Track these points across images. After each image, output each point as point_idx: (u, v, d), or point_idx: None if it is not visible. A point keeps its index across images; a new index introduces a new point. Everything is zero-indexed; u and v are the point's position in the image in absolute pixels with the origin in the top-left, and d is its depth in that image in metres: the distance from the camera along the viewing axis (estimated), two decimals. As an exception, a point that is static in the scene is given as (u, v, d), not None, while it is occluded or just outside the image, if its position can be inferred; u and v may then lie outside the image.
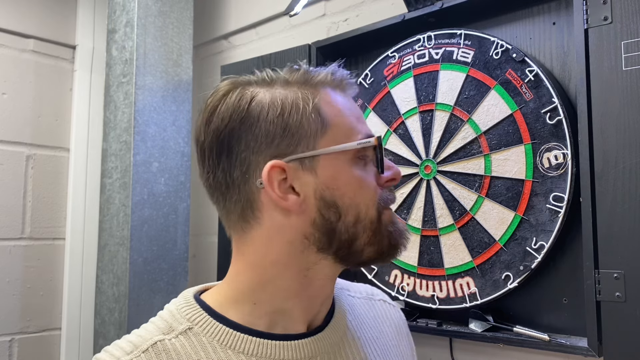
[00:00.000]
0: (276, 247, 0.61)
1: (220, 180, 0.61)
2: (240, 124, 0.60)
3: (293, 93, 0.61)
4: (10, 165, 1.77)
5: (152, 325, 0.61)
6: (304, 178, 0.59)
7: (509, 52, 0.96)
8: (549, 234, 0.90)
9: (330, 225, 0.60)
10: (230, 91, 0.63)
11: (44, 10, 1.87)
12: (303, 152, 0.59)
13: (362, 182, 0.61)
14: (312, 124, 0.60)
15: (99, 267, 1.52)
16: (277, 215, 0.60)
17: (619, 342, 0.80)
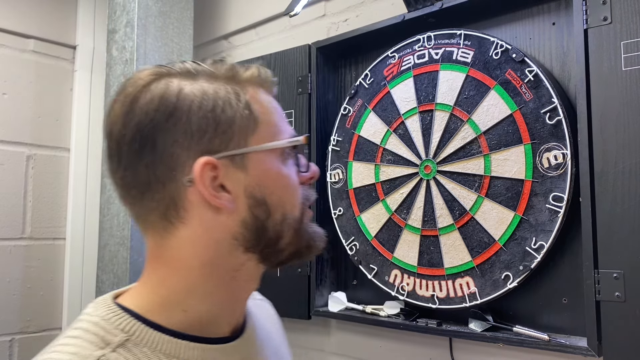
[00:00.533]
0: (204, 249, 0.58)
1: (141, 177, 0.57)
2: (168, 117, 0.56)
3: (222, 87, 0.59)
4: (10, 165, 1.77)
5: (80, 340, 0.55)
6: (235, 175, 0.58)
7: (508, 52, 0.96)
8: (549, 234, 0.90)
9: (259, 224, 0.59)
10: (152, 81, 0.58)
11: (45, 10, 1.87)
12: (235, 149, 0.58)
13: (289, 180, 0.62)
14: (243, 121, 0.58)
15: (99, 267, 1.52)
16: (206, 215, 0.58)
17: (618, 342, 0.80)
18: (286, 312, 1.28)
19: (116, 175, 0.60)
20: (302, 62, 1.29)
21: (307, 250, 0.65)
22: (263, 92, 0.63)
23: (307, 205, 0.65)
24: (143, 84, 0.58)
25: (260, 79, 0.63)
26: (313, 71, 1.27)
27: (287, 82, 1.32)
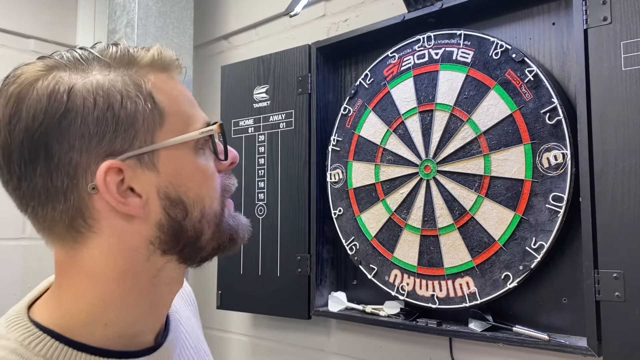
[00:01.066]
0: (120, 258, 0.53)
1: (38, 188, 0.51)
2: (60, 120, 0.49)
3: (119, 78, 0.52)
4: (10, 165, 1.77)
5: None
6: (144, 176, 0.52)
7: (508, 52, 0.97)
8: (549, 234, 0.90)
9: (177, 225, 0.54)
10: (38, 78, 0.51)
11: (45, 10, 1.87)
12: (140, 148, 0.51)
13: (206, 172, 0.56)
14: (147, 115, 0.52)
15: (100, 267, 1.52)
16: (117, 222, 0.52)
17: (618, 342, 0.80)
18: (286, 312, 1.28)
19: (8, 186, 0.53)
20: (302, 62, 1.29)
21: (230, 244, 0.59)
22: (167, 77, 0.56)
23: (228, 196, 0.59)
24: (28, 81, 0.51)
25: (163, 62, 0.56)
26: (313, 71, 1.27)
27: (287, 82, 1.32)
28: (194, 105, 0.58)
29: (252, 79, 1.40)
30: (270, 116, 1.35)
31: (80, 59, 0.53)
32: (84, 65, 0.53)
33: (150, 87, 0.53)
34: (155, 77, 0.55)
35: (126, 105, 0.51)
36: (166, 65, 0.56)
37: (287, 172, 1.29)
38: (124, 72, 0.53)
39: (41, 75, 0.51)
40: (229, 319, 1.56)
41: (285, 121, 1.32)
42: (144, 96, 0.52)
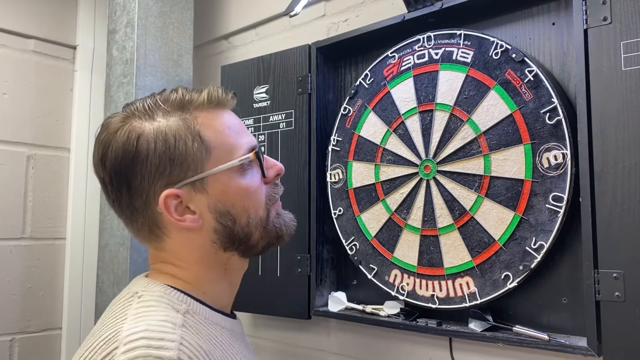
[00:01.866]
0: (194, 251, 0.72)
1: (125, 207, 0.70)
2: (132, 161, 0.67)
3: (174, 123, 0.68)
4: (10, 165, 1.77)
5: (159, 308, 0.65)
6: (197, 198, 0.69)
7: (508, 52, 0.97)
8: (549, 234, 0.90)
9: (228, 230, 0.71)
10: (119, 128, 0.69)
11: (45, 10, 1.87)
12: (192, 177, 0.68)
13: (248, 189, 0.72)
14: (196, 151, 0.68)
15: (100, 267, 1.52)
16: (182, 231, 0.70)
17: (618, 342, 0.80)
18: (286, 312, 1.28)
19: (110, 205, 0.72)
20: (302, 62, 1.29)
21: (277, 240, 0.77)
22: (217, 112, 0.72)
23: (272, 203, 0.76)
24: (113, 130, 0.69)
25: (212, 102, 0.71)
26: (313, 71, 1.27)
27: (287, 82, 1.32)
28: (240, 134, 0.73)
29: (252, 79, 1.40)
30: (270, 116, 1.35)
31: (147, 109, 0.69)
32: (150, 113, 0.69)
33: (199, 127, 0.69)
34: (205, 116, 0.70)
35: (179, 146, 0.67)
36: (215, 103, 0.72)
37: (287, 172, 1.29)
38: (179, 117, 0.69)
39: (121, 125, 0.68)
40: (229, 319, 1.56)
41: (285, 121, 1.32)
42: (193, 136, 0.68)
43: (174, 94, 0.71)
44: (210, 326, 0.68)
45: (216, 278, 0.74)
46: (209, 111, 0.71)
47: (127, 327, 0.61)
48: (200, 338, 0.63)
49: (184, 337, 0.61)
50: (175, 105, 0.70)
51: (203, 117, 0.70)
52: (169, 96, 0.71)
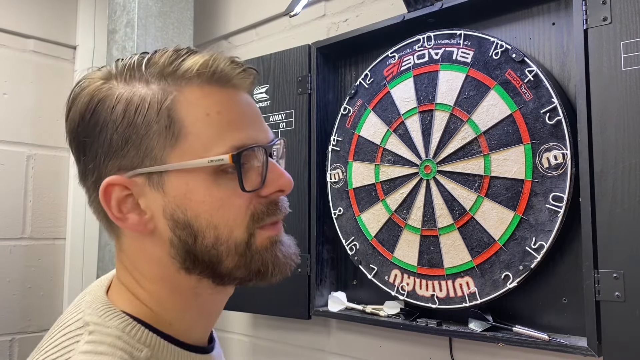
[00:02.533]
0: (152, 264, 0.54)
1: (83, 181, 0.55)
2: (87, 129, 0.52)
3: (148, 93, 0.51)
4: (10, 165, 1.77)
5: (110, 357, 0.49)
6: (151, 195, 0.51)
7: (508, 52, 0.96)
8: (549, 234, 0.90)
9: (187, 247, 0.52)
10: (88, 85, 0.53)
11: (45, 10, 1.87)
12: (149, 166, 0.50)
13: (223, 200, 0.52)
14: (161, 133, 0.50)
15: (99, 267, 1.52)
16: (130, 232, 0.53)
17: (618, 342, 0.80)
18: (286, 312, 1.28)
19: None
20: (302, 62, 1.29)
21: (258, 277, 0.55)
22: (215, 90, 0.53)
23: (261, 224, 0.54)
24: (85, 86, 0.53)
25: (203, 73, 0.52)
26: (313, 71, 1.27)
27: (287, 82, 1.32)
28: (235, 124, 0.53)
29: (252, 79, 1.40)
30: (270, 116, 1.35)
31: (128, 68, 0.53)
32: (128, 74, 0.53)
33: (173, 104, 0.51)
34: (192, 91, 0.52)
35: (137, 122, 0.50)
36: (217, 75, 0.52)
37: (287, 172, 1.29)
38: (159, 86, 0.51)
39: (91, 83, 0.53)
40: (229, 319, 1.56)
41: (285, 121, 1.32)
42: (160, 113, 0.50)
43: (163, 56, 0.53)
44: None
45: (183, 305, 0.55)
46: (203, 86, 0.52)
47: None
48: None
49: None
50: (157, 70, 0.52)
51: (189, 92, 0.51)
52: (158, 57, 0.53)
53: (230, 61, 0.53)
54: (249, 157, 0.53)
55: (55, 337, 0.52)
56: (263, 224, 0.54)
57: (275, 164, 0.56)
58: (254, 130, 0.54)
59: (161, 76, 0.52)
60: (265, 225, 0.55)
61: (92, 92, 0.52)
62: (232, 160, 0.50)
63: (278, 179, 0.56)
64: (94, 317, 0.52)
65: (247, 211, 0.53)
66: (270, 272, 0.55)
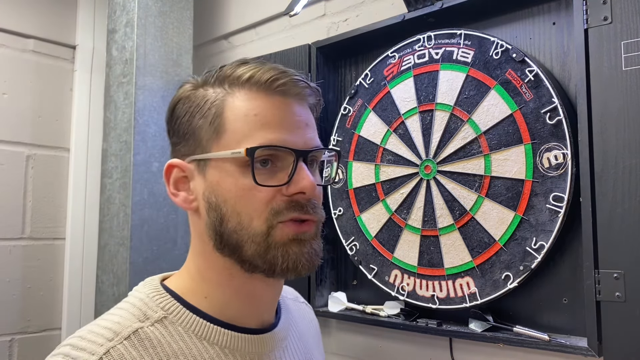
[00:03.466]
0: (196, 239, 0.65)
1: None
2: (170, 121, 0.66)
3: (212, 95, 0.63)
4: (10, 165, 1.77)
5: (124, 312, 0.61)
6: (197, 179, 0.63)
7: (508, 52, 0.96)
8: (549, 234, 0.90)
9: (216, 228, 0.61)
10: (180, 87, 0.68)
11: (44, 10, 1.87)
12: (198, 154, 0.62)
13: (245, 191, 0.59)
14: (209, 127, 0.61)
15: (99, 267, 1.52)
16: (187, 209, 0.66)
17: (618, 342, 0.80)
18: (286, 312, 1.28)
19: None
20: (302, 62, 1.29)
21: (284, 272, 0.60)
22: (262, 96, 0.61)
23: (281, 219, 0.59)
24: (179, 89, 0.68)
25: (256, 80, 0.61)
26: (313, 71, 1.27)
27: (287, 82, 1.32)
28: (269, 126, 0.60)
29: (252, 78, 1.39)
30: (270, 116, 1.35)
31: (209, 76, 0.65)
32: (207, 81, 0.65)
33: (225, 105, 0.61)
34: (243, 95, 0.61)
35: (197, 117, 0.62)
36: (266, 86, 0.61)
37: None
38: (222, 89, 0.63)
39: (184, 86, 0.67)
40: (229, 319, 1.56)
41: (285, 121, 1.32)
42: (213, 112, 0.61)
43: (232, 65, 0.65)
44: (190, 339, 0.59)
45: (218, 281, 0.63)
46: (251, 92, 0.61)
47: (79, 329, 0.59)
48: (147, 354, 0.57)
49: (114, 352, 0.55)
50: (224, 77, 0.63)
51: (238, 95, 0.61)
52: (228, 67, 0.65)
53: (281, 72, 0.62)
54: (276, 157, 0.60)
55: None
56: (284, 219, 0.60)
57: (305, 168, 0.62)
58: (289, 135, 0.61)
59: (222, 81, 0.63)
60: (287, 222, 0.60)
61: (179, 94, 0.66)
62: (246, 153, 0.59)
63: (300, 181, 0.61)
64: (138, 286, 0.66)
65: (267, 205, 0.60)
66: (280, 267, 0.60)
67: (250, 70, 0.62)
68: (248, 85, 0.61)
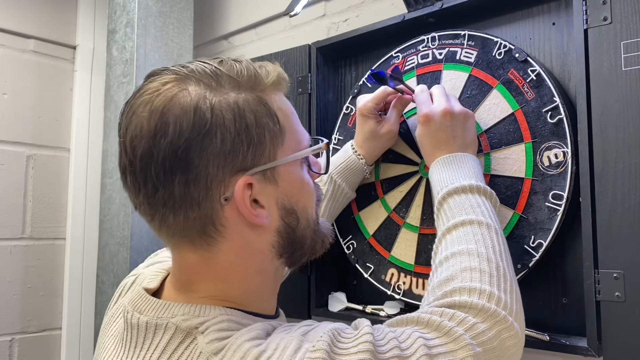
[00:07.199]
0: (251, 259, 0.60)
1: (174, 196, 0.54)
2: (203, 137, 0.53)
3: (250, 98, 0.57)
4: (10, 165, 1.77)
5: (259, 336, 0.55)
6: (267, 189, 0.58)
7: (511, 52, 0.97)
8: (548, 232, 0.90)
9: (291, 231, 0.61)
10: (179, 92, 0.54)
11: (45, 10, 1.87)
12: (265, 164, 0.57)
13: (308, 185, 0.63)
14: (273, 134, 0.58)
15: (100, 267, 1.52)
16: (244, 229, 0.58)
17: (618, 342, 0.80)
18: (286, 312, 1.28)
19: (140, 193, 0.56)
20: (302, 62, 1.29)
21: (321, 247, 0.67)
22: (281, 94, 0.62)
23: (319, 204, 0.66)
24: (169, 95, 0.54)
25: (281, 82, 0.62)
26: (313, 71, 1.27)
27: (287, 82, 1.32)
28: (299, 122, 0.64)
29: (252, 78, 1.40)
30: (271, 116, 1.35)
31: (210, 74, 0.56)
32: (216, 81, 0.56)
33: (275, 108, 0.59)
34: (275, 95, 0.60)
35: (258, 124, 0.56)
36: (283, 85, 0.62)
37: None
38: (254, 92, 0.58)
39: (180, 90, 0.54)
40: (229, 319, 1.56)
41: (286, 121, 1.32)
42: (272, 116, 0.58)
43: (237, 65, 0.58)
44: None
45: (268, 291, 0.65)
46: (277, 92, 0.61)
47: None
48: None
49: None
50: (245, 78, 0.57)
51: (275, 97, 0.60)
52: (232, 66, 0.58)
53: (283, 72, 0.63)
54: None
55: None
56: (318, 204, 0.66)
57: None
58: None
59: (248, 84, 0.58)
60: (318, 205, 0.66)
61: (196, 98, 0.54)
62: (327, 147, 0.64)
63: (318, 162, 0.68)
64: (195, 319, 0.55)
65: (314, 193, 0.64)
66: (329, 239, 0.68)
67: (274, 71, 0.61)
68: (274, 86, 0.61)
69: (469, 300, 0.60)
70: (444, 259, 0.70)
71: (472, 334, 0.56)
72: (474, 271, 0.65)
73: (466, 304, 0.60)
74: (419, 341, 0.53)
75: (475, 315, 0.59)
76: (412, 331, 0.55)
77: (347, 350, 0.50)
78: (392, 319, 0.61)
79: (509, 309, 0.62)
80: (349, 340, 0.51)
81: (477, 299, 0.60)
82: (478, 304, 0.60)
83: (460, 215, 0.75)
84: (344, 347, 0.50)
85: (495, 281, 0.64)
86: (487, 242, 0.69)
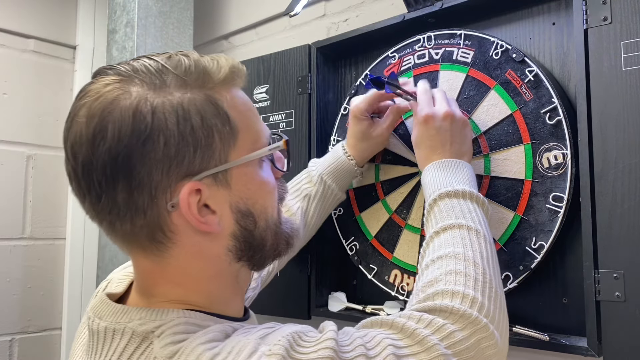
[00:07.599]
0: (207, 263, 0.58)
1: (118, 204, 0.52)
2: (144, 142, 0.50)
3: (197, 97, 0.53)
4: (10, 165, 1.77)
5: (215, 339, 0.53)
6: (219, 193, 0.55)
7: (508, 52, 0.96)
8: (549, 234, 0.90)
9: (247, 234, 0.58)
10: (119, 95, 0.51)
11: (45, 10, 1.87)
12: (216, 167, 0.54)
13: (268, 185, 0.60)
14: (223, 135, 0.54)
15: (99, 267, 1.52)
16: (196, 236, 0.55)
17: (618, 342, 0.80)
18: (286, 312, 1.28)
19: (85, 200, 0.54)
20: (302, 62, 1.29)
21: (286, 247, 0.64)
22: (236, 90, 0.58)
23: (281, 203, 0.63)
24: (110, 98, 0.51)
25: (234, 76, 0.57)
26: (313, 71, 1.27)
27: (287, 82, 1.32)
28: (259, 118, 0.60)
29: (252, 79, 1.40)
30: (270, 116, 1.35)
31: (154, 73, 0.53)
32: (159, 80, 0.52)
33: (226, 106, 0.55)
34: (229, 92, 0.56)
35: (205, 126, 0.52)
36: (238, 80, 0.58)
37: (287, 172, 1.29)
38: (201, 90, 0.54)
39: (121, 93, 0.51)
40: (229, 319, 1.56)
41: (285, 121, 1.32)
42: (221, 116, 0.54)
43: (185, 60, 0.54)
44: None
45: (230, 294, 0.61)
46: (229, 88, 0.56)
47: None
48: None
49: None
50: (192, 75, 0.54)
51: (226, 93, 0.55)
52: (180, 62, 0.54)
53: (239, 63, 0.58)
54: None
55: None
56: (280, 202, 0.63)
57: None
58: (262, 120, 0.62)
59: (196, 82, 0.54)
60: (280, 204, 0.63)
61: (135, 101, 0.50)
62: (286, 145, 0.60)
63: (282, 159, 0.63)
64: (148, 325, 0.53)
65: (275, 192, 0.61)
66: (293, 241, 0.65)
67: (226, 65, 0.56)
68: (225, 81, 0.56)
69: (450, 304, 0.58)
70: (430, 261, 0.69)
71: (448, 343, 0.55)
72: (459, 274, 0.63)
73: (447, 309, 0.58)
74: (389, 349, 0.51)
75: (454, 321, 0.57)
76: (383, 336, 0.53)
77: (306, 355, 0.48)
78: (367, 319, 0.60)
79: (490, 317, 0.60)
80: (310, 344, 0.50)
81: (459, 303, 0.59)
82: (459, 309, 0.58)
83: (450, 219, 0.73)
84: (304, 351, 0.48)
85: (480, 286, 0.62)
86: (474, 247, 0.67)
